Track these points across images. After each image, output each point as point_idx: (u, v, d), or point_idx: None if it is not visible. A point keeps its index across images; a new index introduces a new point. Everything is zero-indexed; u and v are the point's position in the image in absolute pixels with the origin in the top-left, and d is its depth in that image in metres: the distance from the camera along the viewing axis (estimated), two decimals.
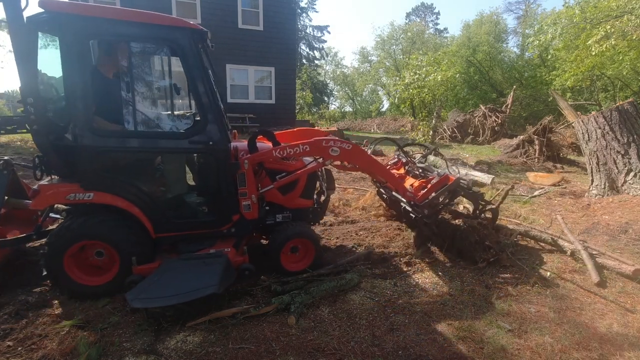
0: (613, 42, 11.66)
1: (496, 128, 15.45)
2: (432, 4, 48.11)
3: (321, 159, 3.39)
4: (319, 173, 3.83)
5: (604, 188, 5.95)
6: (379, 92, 38.56)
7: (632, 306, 3.01)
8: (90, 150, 2.69)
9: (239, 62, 16.58)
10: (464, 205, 5.09)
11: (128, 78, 2.91)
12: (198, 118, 3.03)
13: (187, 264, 2.88)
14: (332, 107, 39.24)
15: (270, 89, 17.64)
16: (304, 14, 37.32)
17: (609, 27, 11.62)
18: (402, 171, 4.57)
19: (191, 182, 3.64)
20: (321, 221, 4.98)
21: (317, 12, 54.85)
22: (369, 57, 38.48)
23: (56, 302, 2.87)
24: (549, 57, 20.63)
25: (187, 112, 3.47)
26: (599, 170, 6.04)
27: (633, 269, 3.36)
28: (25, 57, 2.47)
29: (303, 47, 36.86)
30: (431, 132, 9.84)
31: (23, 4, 2.42)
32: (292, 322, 2.65)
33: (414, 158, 4.90)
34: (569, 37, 14.28)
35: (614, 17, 11.88)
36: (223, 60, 16.30)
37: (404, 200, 3.84)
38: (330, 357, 2.34)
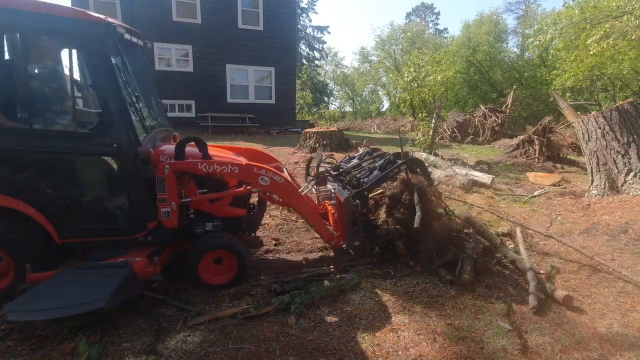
0: (611, 42, 11.66)
1: (496, 128, 15.45)
2: (432, 4, 48.14)
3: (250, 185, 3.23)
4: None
5: (604, 188, 5.96)
6: (379, 92, 38.57)
7: (632, 306, 3.01)
8: None
9: (239, 62, 16.59)
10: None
11: (28, 72, 2.78)
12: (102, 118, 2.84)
13: (82, 274, 2.67)
14: (332, 107, 39.25)
15: (270, 89, 17.65)
16: (304, 14, 37.33)
17: (608, 26, 11.62)
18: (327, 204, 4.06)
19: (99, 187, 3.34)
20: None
21: (316, 12, 54.74)
22: (369, 57, 38.49)
23: None
24: (549, 57, 20.64)
25: (94, 112, 3.27)
26: (599, 170, 6.04)
27: (564, 295, 3.03)
28: None
29: (303, 47, 36.86)
30: (431, 132, 9.82)
31: None
32: (292, 322, 2.65)
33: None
34: (569, 37, 14.29)
35: (614, 18, 11.88)
36: (223, 60, 16.32)
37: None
38: (330, 357, 2.35)
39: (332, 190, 3.66)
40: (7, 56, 2.89)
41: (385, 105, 37.89)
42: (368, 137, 15.38)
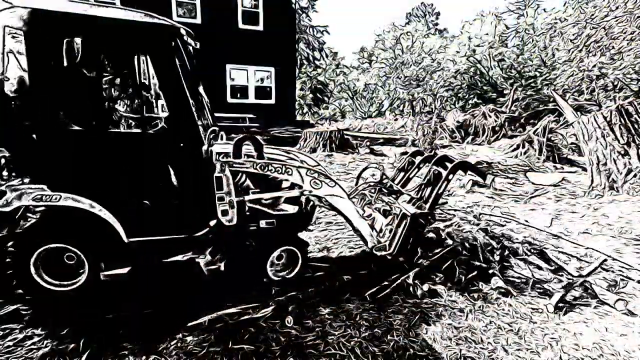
0: (611, 42, 11.68)
1: (496, 128, 15.46)
2: (432, 4, 48.14)
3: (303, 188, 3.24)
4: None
5: (604, 188, 5.96)
6: (379, 92, 38.60)
7: (631, 307, 3.02)
8: None
9: (239, 62, 16.61)
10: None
11: (95, 76, 2.90)
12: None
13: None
14: (332, 107, 39.28)
15: (270, 89, 17.66)
16: (304, 14, 37.33)
17: (608, 26, 11.64)
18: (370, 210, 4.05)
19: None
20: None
21: (317, 12, 54.65)
22: (369, 57, 38.52)
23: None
24: (549, 57, 20.66)
25: (161, 113, 3.42)
26: (599, 170, 6.05)
27: (615, 299, 3.01)
28: None
29: (303, 47, 36.86)
30: (431, 131, 9.83)
31: None
32: (290, 322, 2.66)
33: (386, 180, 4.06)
34: (569, 37, 14.30)
35: (614, 18, 11.89)
36: (223, 60, 16.33)
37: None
38: (330, 357, 2.35)
39: (395, 202, 3.68)
40: (73, 61, 2.92)
41: (386, 105, 37.94)
42: (368, 137, 15.38)
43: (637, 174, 5.60)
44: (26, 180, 2.83)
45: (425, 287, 3.18)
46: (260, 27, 16.77)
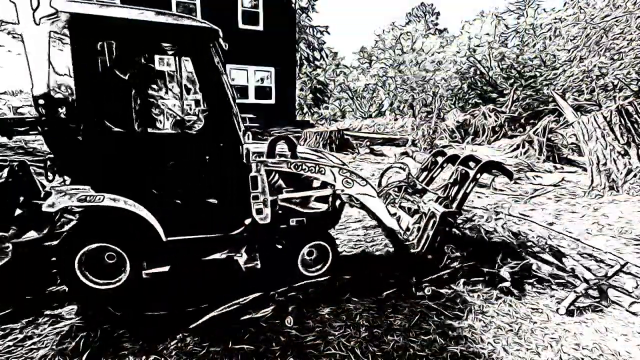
0: (611, 43, 11.70)
1: (496, 128, 15.46)
2: (432, 4, 48.11)
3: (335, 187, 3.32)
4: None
5: (604, 188, 5.97)
6: (380, 92, 38.58)
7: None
8: None
9: (239, 62, 16.61)
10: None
11: (134, 78, 2.91)
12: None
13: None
14: (332, 107, 39.27)
15: (270, 89, 17.67)
16: (304, 14, 37.30)
17: (608, 26, 11.65)
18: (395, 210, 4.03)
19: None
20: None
21: (317, 12, 54.59)
22: (370, 57, 38.52)
23: (56, 302, 2.87)
24: (549, 57, 20.67)
25: (200, 114, 3.47)
26: (599, 170, 6.05)
27: (631, 302, 3.00)
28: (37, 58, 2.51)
29: (303, 47, 36.85)
30: (431, 132, 9.84)
31: (34, 4, 2.44)
32: (290, 322, 2.66)
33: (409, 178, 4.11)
34: (569, 37, 14.31)
35: (614, 18, 11.90)
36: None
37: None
38: (330, 357, 2.35)
39: (421, 201, 3.72)
40: (118, 64, 2.97)
41: (386, 105, 37.92)
42: (368, 137, 15.38)
43: (637, 174, 5.61)
44: (67, 181, 2.88)
45: (427, 290, 3.18)
46: (260, 27, 16.78)
